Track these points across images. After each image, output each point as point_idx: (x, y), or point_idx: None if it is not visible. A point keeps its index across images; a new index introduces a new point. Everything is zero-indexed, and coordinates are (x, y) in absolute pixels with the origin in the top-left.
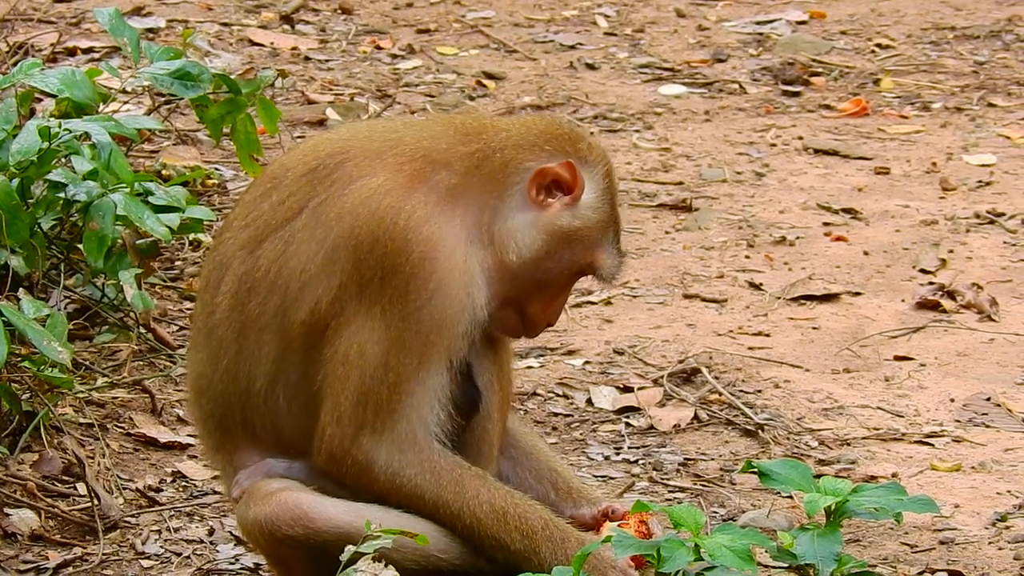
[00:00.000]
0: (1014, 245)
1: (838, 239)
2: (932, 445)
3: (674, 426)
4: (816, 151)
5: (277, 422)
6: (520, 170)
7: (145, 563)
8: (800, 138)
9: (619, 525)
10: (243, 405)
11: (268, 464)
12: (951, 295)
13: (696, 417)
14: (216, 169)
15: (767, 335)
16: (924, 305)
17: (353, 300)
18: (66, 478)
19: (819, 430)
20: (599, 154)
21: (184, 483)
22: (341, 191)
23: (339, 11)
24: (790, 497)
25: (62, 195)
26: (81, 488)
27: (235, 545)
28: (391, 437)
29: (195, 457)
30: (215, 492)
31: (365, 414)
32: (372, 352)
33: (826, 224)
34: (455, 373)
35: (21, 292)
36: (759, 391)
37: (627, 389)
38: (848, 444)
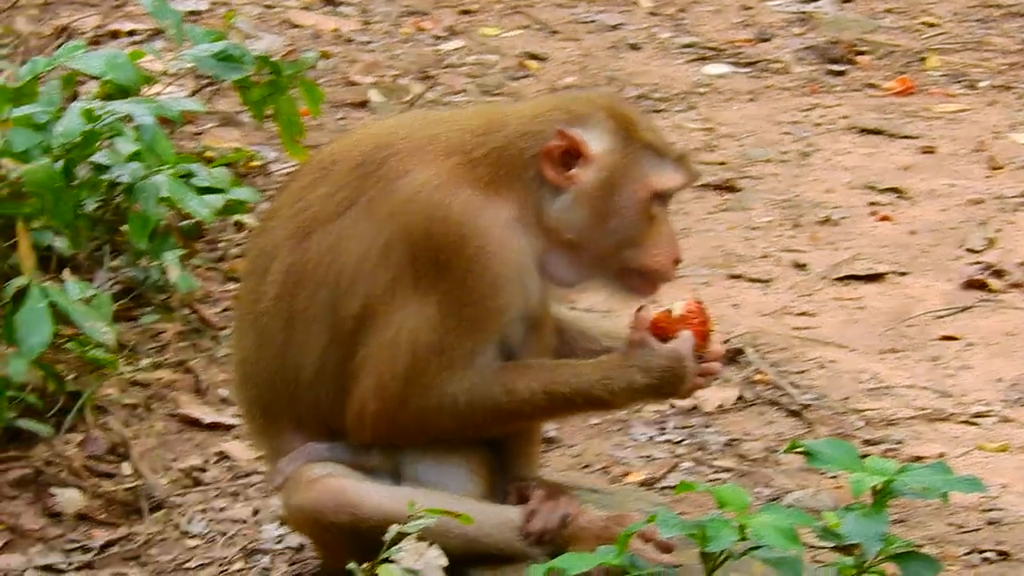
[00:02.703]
0: None
1: (884, 219)
2: (979, 425)
3: (718, 406)
4: (861, 130)
5: (323, 409)
6: (529, 161)
7: (190, 542)
8: (845, 117)
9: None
10: (290, 393)
11: (309, 448)
12: (998, 274)
13: (741, 397)
14: (259, 151)
15: (812, 315)
16: (971, 284)
17: (407, 290)
18: (111, 458)
19: (865, 410)
20: (589, 101)
21: (228, 463)
22: (389, 187)
23: None
24: (836, 477)
25: (106, 177)
26: (126, 468)
27: (279, 524)
28: (436, 403)
29: (239, 437)
30: (259, 472)
31: (411, 389)
32: (427, 339)
33: (872, 204)
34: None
35: (66, 273)
36: (804, 371)
37: None
38: (894, 424)
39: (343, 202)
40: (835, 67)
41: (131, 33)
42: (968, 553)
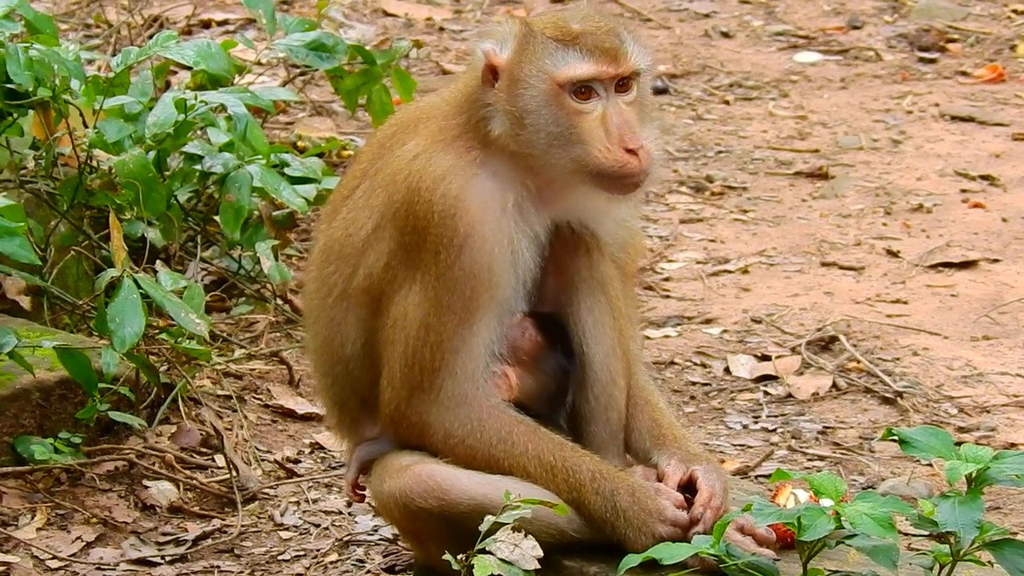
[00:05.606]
0: None
1: (976, 206)
2: None
3: (813, 394)
4: (953, 118)
5: (375, 387)
6: (477, 89)
7: (284, 534)
8: (936, 105)
9: None
10: (346, 373)
11: (362, 450)
12: None
13: (835, 385)
14: (352, 140)
15: (905, 303)
16: None
17: (402, 266)
18: (204, 450)
19: (958, 397)
20: (508, 21)
21: (322, 454)
22: (389, 159)
23: None
24: (930, 465)
25: (198, 167)
26: (219, 460)
27: (373, 516)
28: (439, 397)
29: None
30: None
31: (413, 375)
32: (414, 315)
33: (963, 191)
34: (543, 339)
35: (158, 264)
36: (898, 359)
37: (765, 357)
38: (988, 411)
39: (358, 175)
40: (926, 55)
41: (223, 23)
42: None
